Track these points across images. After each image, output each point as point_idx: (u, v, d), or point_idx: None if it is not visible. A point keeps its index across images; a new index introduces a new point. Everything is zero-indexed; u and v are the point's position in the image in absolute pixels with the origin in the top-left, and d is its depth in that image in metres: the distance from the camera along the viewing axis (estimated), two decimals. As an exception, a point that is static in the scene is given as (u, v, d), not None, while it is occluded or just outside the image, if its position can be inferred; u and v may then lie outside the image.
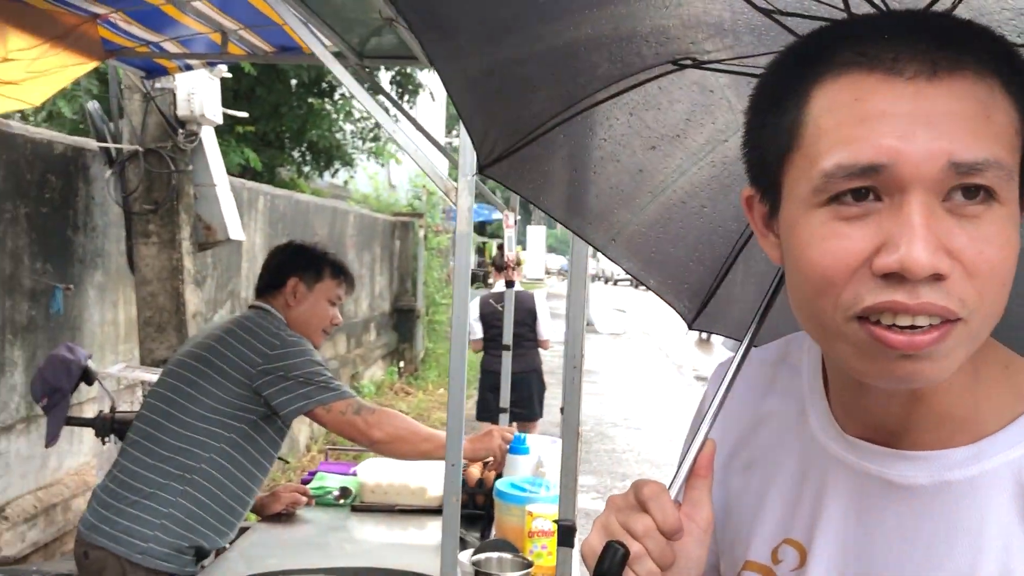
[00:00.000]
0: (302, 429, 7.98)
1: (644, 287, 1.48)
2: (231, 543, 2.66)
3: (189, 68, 4.02)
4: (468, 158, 1.74)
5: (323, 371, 2.54)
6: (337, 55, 3.41)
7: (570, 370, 1.84)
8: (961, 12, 0.78)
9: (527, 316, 6.29)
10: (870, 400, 0.80)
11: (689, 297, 1.42)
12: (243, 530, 2.86)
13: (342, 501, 3.09)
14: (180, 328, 4.39)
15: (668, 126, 1.23)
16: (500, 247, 6.94)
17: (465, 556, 2.45)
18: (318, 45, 1.82)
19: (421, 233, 12.75)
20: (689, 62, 1.12)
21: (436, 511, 3.06)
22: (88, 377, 3.29)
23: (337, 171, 12.14)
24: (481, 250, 24.54)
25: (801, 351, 0.95)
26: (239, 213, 6.23)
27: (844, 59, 0.70)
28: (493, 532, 2.75)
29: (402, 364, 12.01)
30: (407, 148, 1.83)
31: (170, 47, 3.67)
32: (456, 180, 1.71)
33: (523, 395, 6.20)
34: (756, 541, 0.91)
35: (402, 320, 12.32)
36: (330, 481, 3.24)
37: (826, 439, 0.86)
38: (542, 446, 2.89)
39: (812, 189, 0.71)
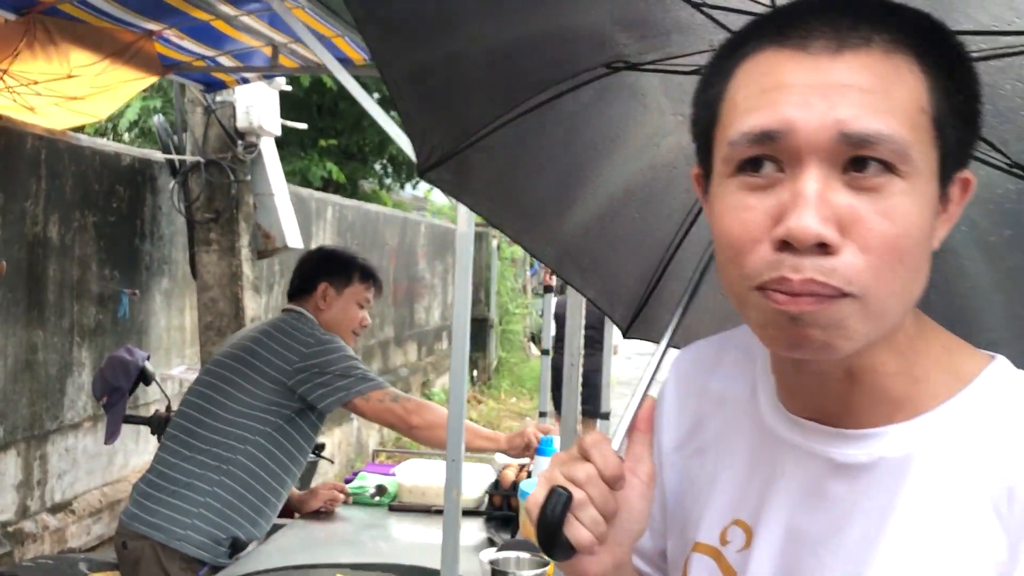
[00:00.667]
0: (371, 434, 8.12)
1: (582, 294, 1.49)
2: (267, 537, 2.75)
3: (246, 81, 4.18)
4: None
5: (358, 364, 2.66)
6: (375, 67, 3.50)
7: (568, 368, 1.85)
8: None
9: (596, 321, 6.38)
10: (808, 380, 0.81)
11: (624, 305, 1.41)
12: (278, 527, 2.95)
13: (377, 499, 3.15)
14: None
15: (602, 132, 1.24)
16: None
17: (485, 555, 2.48)
18: (328, 56, 1.89)
19: (495, 243, 12.85)
20: (622, 64, 1.14)
21: (472, 512, 3.11)
22: (146, 377, 3.42)
23: (418, 183, 12.35)
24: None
25: (754, 337, 0.96)
26: (308, 223, 6.41)
27: (764, 39, 0.74)
28: (520, 532, 2.77)
29: (475, 373, 12.11)
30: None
31: (225, 61, 3.82)
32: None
33: (592, 393, 6.31)
34: (706, 523, 0.91)
35: (475, 329, 12.40)
36: (370, 481, 3.32)
37: (774, 420, 0.87)
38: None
39: (723, 159, 0.75)
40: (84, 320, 4.18)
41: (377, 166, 11.44)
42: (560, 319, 6.19)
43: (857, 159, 0.68)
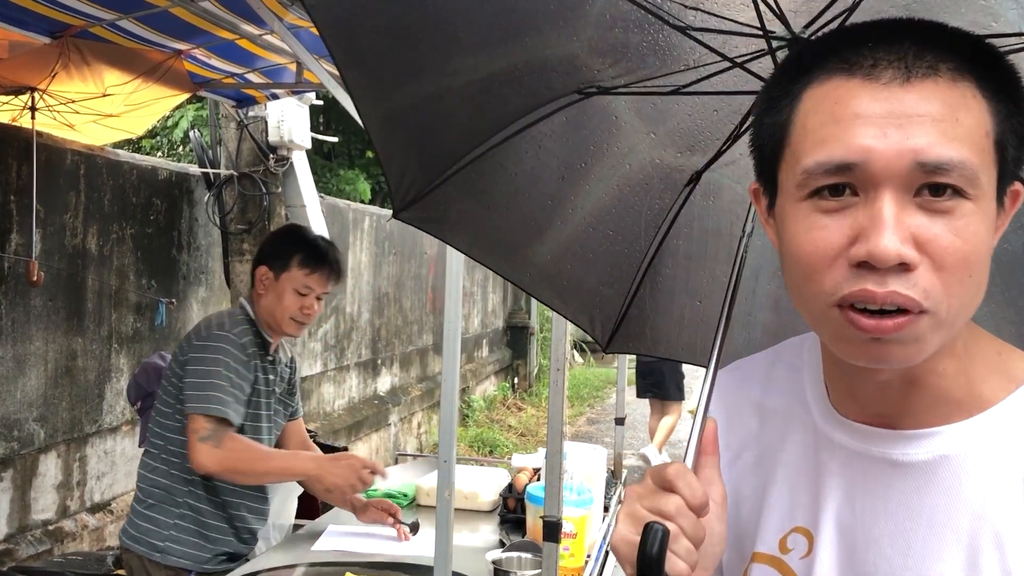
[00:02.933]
0: (409, 440, 8.24)
1: (562, 316, 1.51)
2: (293, 532, 2.76)
3: (276, 97, 4.32)
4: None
5: (217, 382, 2.37)
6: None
7: (554, 373, 1.91)
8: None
9: None
10: (868, 386, 0.85)
11: (602, 321, 1.44)
12: (298, 526, 3.04)
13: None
14: (271, 340, 4.66)
15: (575, 155, 1.29)
16: None
17: (490, 555, 2.54)
18: (324, 74, 1.97)
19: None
20: (594, 89, 1.19)
21: (489, 513, 3.18)
22: (178, 383, 3.53)
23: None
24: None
25: (800, 350, 1.00)
26: (345, 233, 6.55)
27: (830, 66, 0.78)
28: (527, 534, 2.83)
29: (515, 380, 12.17)
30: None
31: (253, 78, 3.96)
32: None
33: (659, 380, 7.69)
34: (763, 533, 0.93)
35: (516, 337, 12.49)
36: (392, 484, 3.40)
37: (828, 427, 0.90)
38: (573, 451, 2.94)
39: (796, 184, 0.78)
40: (122, 328, 4.35)
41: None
42: None
43: (930, 184, 0.73)
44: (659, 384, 7.71)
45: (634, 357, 8.14)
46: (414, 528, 2.79)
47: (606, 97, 1.19)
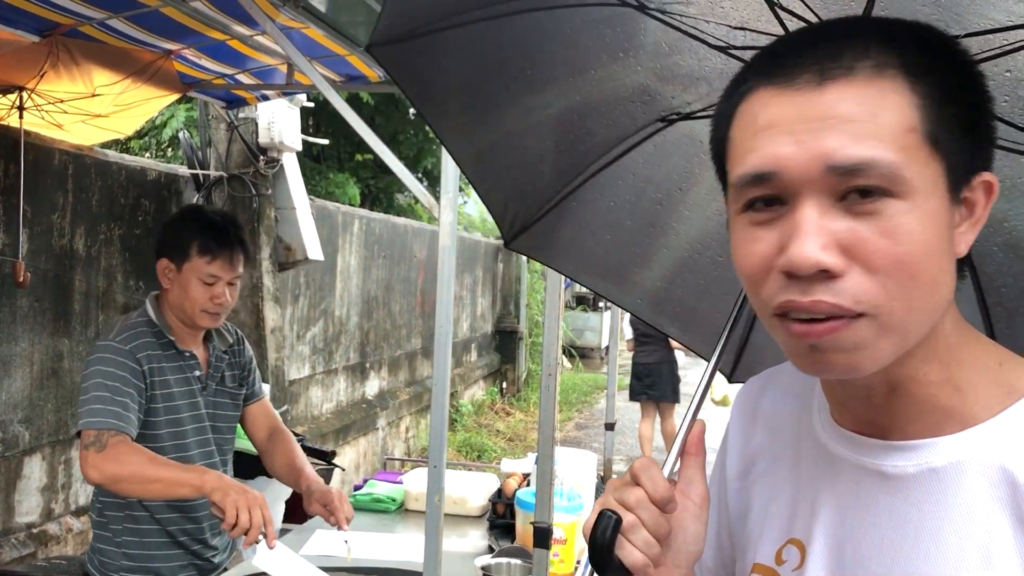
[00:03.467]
0: (396, 444, 8.21)
1: (680, 342, 1.51)
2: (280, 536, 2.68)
3: (266, 98, 4.30)
4: (450, 175, 1.84)
5: (99, 392, 2.20)
6: (390, 83, 3.59)
7: (545, 378, 1.90)
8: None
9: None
10: (852, 393, 0.84)
11: (726, 351, 1.44)
12: (285, 531, 3.02)
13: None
14: (260, 343, 4.65)
15: (669, 181, 1.29)
16: None
17: (479, 561, 2.53)
18: (316, 75, 1.97)
19: (524, 256, 12.90)
20: (675, 116, 1.20)
21: (477, 518, 3.17)
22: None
23: (446, 195, 12.46)
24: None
25: None
26: (335, 236, 6.53)
27: (758, 78, 0.77)
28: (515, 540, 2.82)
29: (504, 385, 12.16)
30: (395, 168, 1.94)
31: (244, 79, 3.93)
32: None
33: (657, 381, 7.81)
34: (763, 544, 0.93)
35: (504, 341, 12.49)
36: (379, 488, 3.39)
37: (827, 436, 0.89)
38: (563, 457, 2.94)
39: (732, 199, 0.79)
40: (109, 329, 4.32)
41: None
42: (634, 324, 8.04)
43: (858, 187, 0.70)
44: (656, 386, 7.85)
45: (626, 362, 8.66)
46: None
47: (688, 123, 1.21)
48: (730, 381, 1.46)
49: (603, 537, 0.84)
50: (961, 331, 0.81)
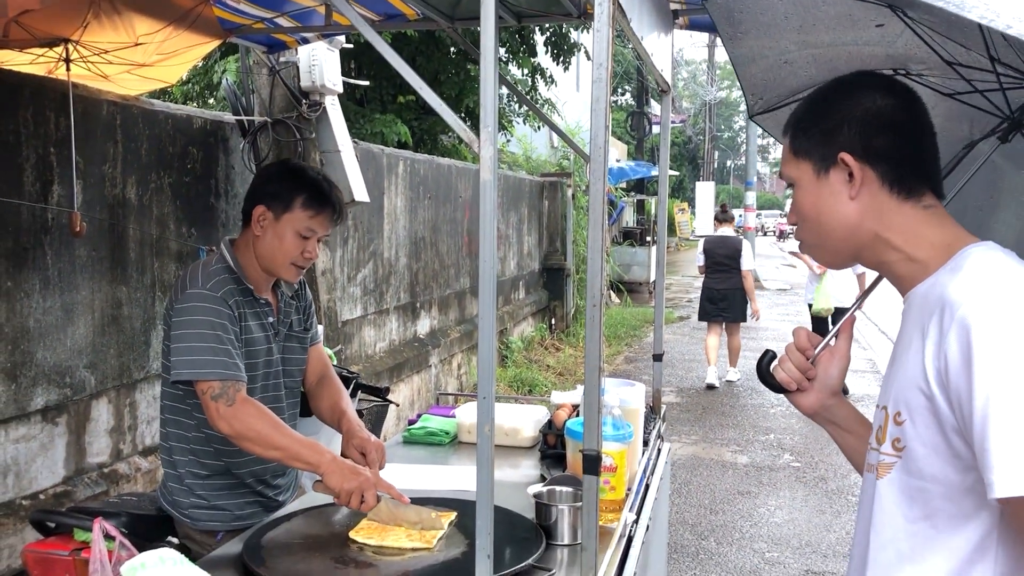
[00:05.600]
0: (449, 381, 8.34)
1: None
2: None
3: (307, 41, 4.29)
4: (489, 109, 1.83)
5: (207, 341, 2.26)
6: (427, 20, 3.57)
7: (591, 309, 1.91)
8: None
9: (734, 252, 9.82)
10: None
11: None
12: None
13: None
14: (311, 285, 4.72)
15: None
16: (723, 205, 10.44)
17: (531, 489, 2.58)
18: (355, 15, 1.96)
19: (570, 192, 12.84)
20: (903, 72, 1.79)
21: (530, 449, 3.22)
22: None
23: (491, 134, 12.38)
24: (641, 206, 24.29)
25: None
26: (380, 178, 6.56)
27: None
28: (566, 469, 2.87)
29: (552, 321, 12.23)
30: (436, 106, 1.93)
31: (283, 22, 3.93)
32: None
33: (729, 304, 9.72)
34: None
35: (552, 279, 12.52)
36: (433, 423, 3.46)
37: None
38: (613, 387, 2.96)
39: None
40: (165, 276, 4.42)
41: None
42: (708, 252, 9.83)
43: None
44: (729, 308, 9.63)
45: (682, 290, 9.87)
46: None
47: (910, 80, 1.71)
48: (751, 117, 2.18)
49: (761, 362, 1.57)
50: (919, 225, 1.34)
